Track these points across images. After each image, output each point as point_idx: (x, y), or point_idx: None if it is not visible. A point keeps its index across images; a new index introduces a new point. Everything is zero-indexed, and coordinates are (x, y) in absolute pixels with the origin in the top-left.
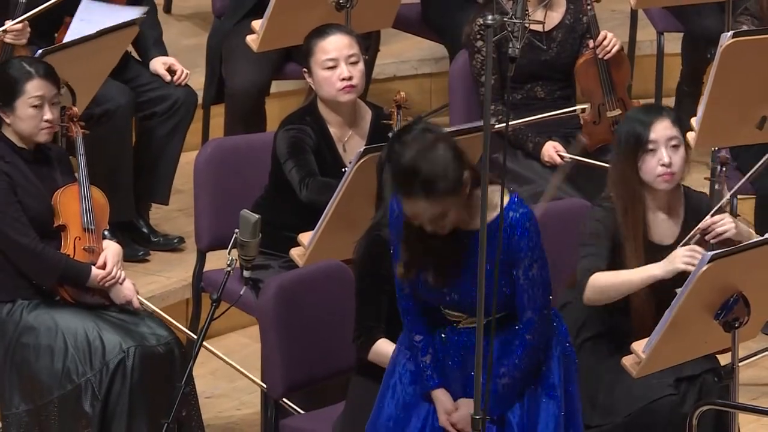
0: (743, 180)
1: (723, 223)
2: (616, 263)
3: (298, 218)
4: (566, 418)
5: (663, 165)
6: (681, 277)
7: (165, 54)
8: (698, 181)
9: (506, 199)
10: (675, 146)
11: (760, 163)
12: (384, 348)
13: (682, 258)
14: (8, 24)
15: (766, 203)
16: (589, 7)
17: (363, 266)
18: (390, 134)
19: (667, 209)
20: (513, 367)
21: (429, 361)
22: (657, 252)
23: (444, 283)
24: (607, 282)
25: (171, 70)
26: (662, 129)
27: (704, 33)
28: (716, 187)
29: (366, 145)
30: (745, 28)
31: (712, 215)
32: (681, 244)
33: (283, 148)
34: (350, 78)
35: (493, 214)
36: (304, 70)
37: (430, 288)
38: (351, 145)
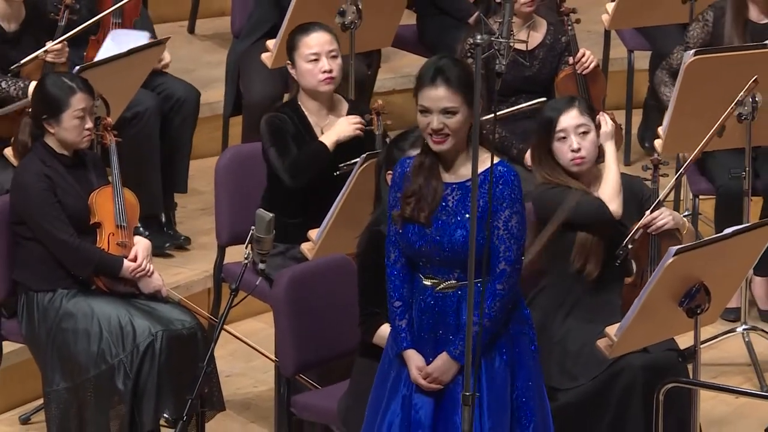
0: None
1: (662, 217)
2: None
3: (293, 203)
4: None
5: (573, 151)
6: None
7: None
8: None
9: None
10: (583, 133)
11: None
12: (387, 333)
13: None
14: (49, 44)
15: (725, 202)
16: (569, 27)
17: (365, 258)
18: (387, 140)
19: (597, 184)
20: (483, 315)
21: (405, 324)
22: None
23: (431, 220)
24: None
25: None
26: (570, 118)
27: (670, 51)
28: (651, 186)
29: None
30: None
31: (651, 211)
32: (625, 241)
33: (265, 135)
34: (330, 71)
35: (482, 167)
36: (288, 62)
37: (417, 236)
38: (329, 129)
